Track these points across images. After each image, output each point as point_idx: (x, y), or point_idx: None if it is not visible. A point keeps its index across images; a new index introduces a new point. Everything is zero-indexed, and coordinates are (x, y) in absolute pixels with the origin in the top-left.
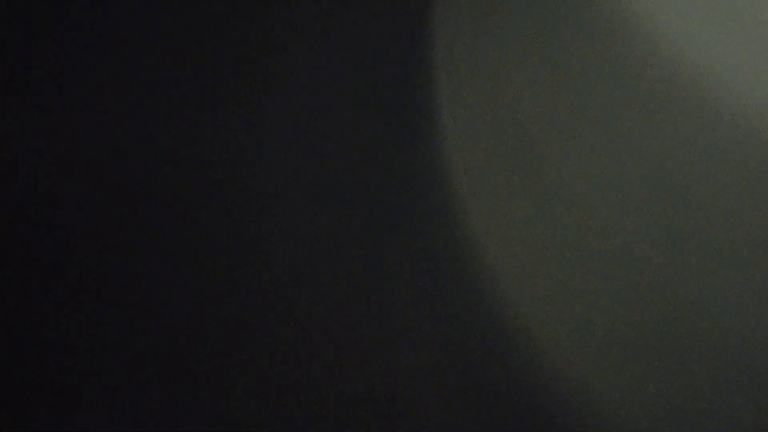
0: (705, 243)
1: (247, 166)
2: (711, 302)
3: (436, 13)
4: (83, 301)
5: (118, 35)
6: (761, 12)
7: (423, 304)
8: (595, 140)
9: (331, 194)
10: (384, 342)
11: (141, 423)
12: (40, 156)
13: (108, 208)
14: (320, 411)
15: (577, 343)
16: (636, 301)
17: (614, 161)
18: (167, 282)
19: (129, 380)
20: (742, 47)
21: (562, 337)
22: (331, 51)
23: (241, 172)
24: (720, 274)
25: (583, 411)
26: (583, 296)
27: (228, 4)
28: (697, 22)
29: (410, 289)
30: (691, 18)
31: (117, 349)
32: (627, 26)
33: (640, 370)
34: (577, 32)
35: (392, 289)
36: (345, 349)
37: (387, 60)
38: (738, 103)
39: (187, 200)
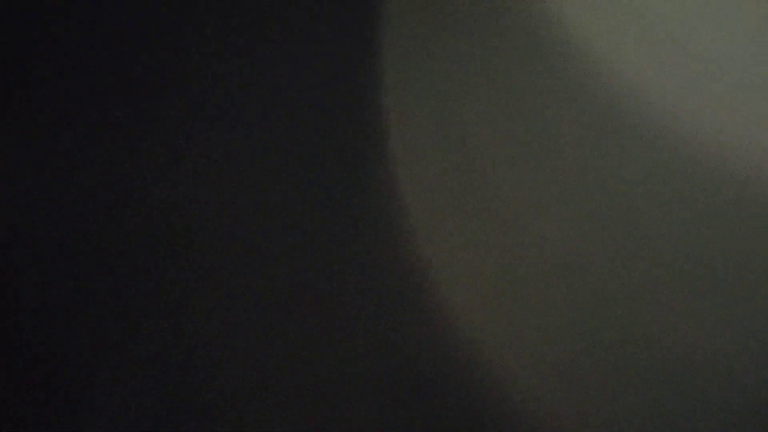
0: (655, 263)
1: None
2: (677, 325)
3: (384, 35)
4: (82, 301)
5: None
6: (698, 34)
7: (370, 325)
8: (544, 162)
9: (277, 214)
10: (325, 371)
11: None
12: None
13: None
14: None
15: (528, 361)
16: (588, 322)
17: (564, 183)
18: (134, 285)
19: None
20: (685, 67)
21: (510, 356)
22: (275, 72)
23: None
24: (684, 296)
25: None
26: (533, 318)
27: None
28: (646, 40)
29: (356, 310)
30: (640, 36)
31: (116, 348)
32: (576, 47)
33: (593, 391)
34: (526, 55)
35: (337, 310)
36: (286, 368)
37: (334, 82)
38: (692, 120)
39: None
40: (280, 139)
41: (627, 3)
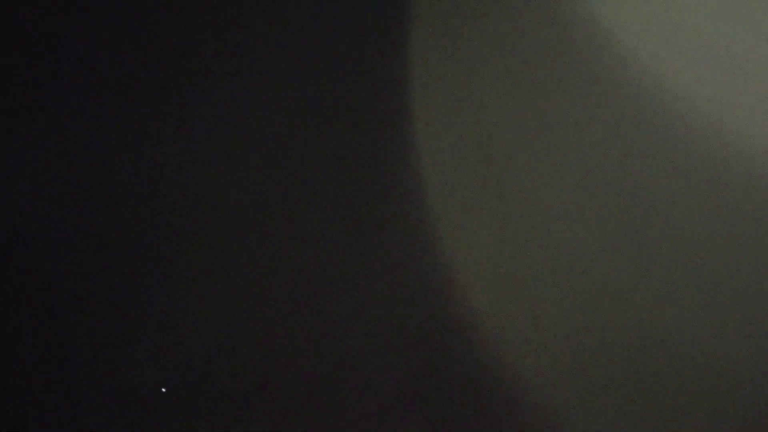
0: (675, 265)
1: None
2: (681, 325)
3: (410, 25)
4: (81, 302)
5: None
6: (729, 31)
7: (389, 319)
8: (566, 158)
9: (300, 206)
10: (347, 359)
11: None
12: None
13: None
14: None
15: (545, 363)
16: (605, 321)
17: (584, 179)
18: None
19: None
20: (713, 65)
21: (529, 357)
22: (303, 61)
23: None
24: (690, 297)
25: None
26: (550, 314)
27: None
28: (667, 39)
29: (377, 304)
30: (661, 35)
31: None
32: (598, 42)
33: (609, 393)
34: (549, 49)
35: (358, 303)
36: (306, 363)
37: (359, 73)
38: (708, 122)
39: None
40: (304, 130)
41: None
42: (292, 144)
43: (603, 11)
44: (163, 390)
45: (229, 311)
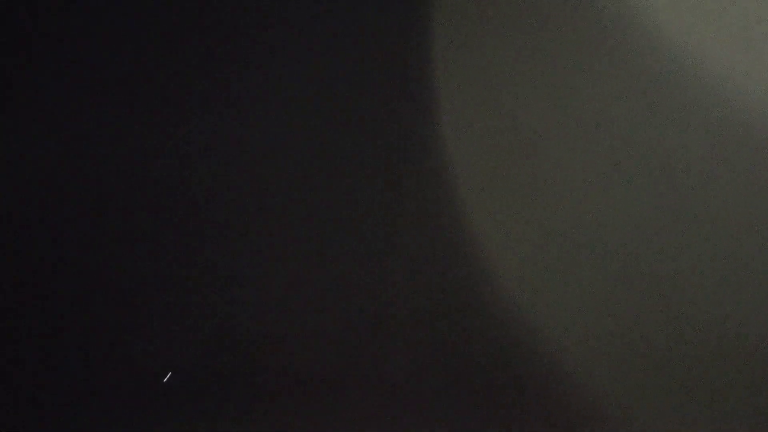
0: (705, 241)
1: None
2: (710, 299)
3: (435, 13)
4: (81, 302)
5: (105, 35)
6: (764, 9)
7: (422, 301)
8: (595, 139)
9: (331, 195)
10: (382, 340)
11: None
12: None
13: (100, 209)
14: (320, 408)
15: (577, 339)
16: (638, 298)
17: (614, 160)
18: (160, 282)
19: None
20: (746, 45)
21: (562, 333)
22: (331, 52)
23: (245, 170)
24: (720, 272)
25: (580, 406)
26: (584, 295)
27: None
28: (700, 20)
29: (409, 288)
30: (694, 16)
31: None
32: (629, 25)
33: (639, 365)
34: (578, 31)
35: (392, 288)
36: (342, 348)
37: (385, 61)
38: (740, 101)
39: (178, 200)
40: (333, 120)
41: None
42: (328, 135)
43: None
44: (165, 379)
45: (238, 297)
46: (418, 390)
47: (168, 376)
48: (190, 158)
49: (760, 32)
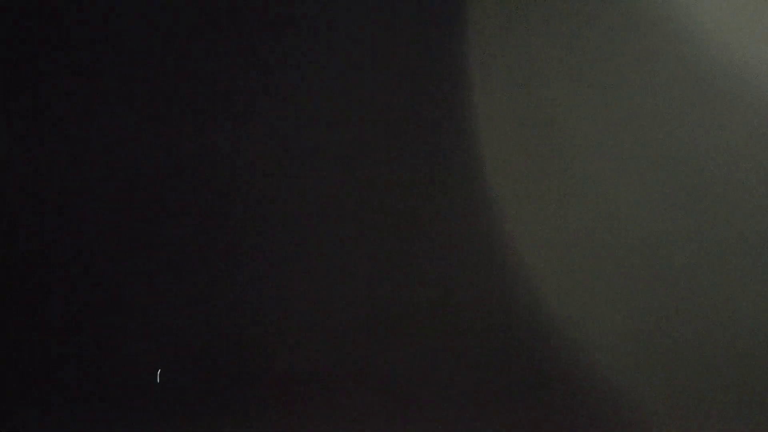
0: (729, 239)
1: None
2: (729, 295)
3: (469, 11)
4: (80, 302)
5: (112, 38)
6: None
7: (448, 299)
8: (626, 138)
9: (361, 192)
10: (404, 336)
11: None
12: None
13: (104, 210)
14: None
15: (601, 335)
16: (660, 295)
17: (646, 161)
18: (167, 283)
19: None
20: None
21: (586, 328)
22: (364, 50)
23: (260, 171)
24: (740, 269)
25: (601, 406)
26: (611, 292)
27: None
28: (733, 19)
29: (436, 286)
30: (726, 15)
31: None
32: (664, 24)
33: (657, 361)
34: (611, 30)
35: (418, 288)
36: (341, 348)
37: (420, 59)
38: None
39: (186, 201)
40: (365, 118)
41: None
42: (351, 140)
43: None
44: (158, 379)
45: (236, 297)
46: (418, 391)
47: (158, 373)
48: (192, 159)
49: None
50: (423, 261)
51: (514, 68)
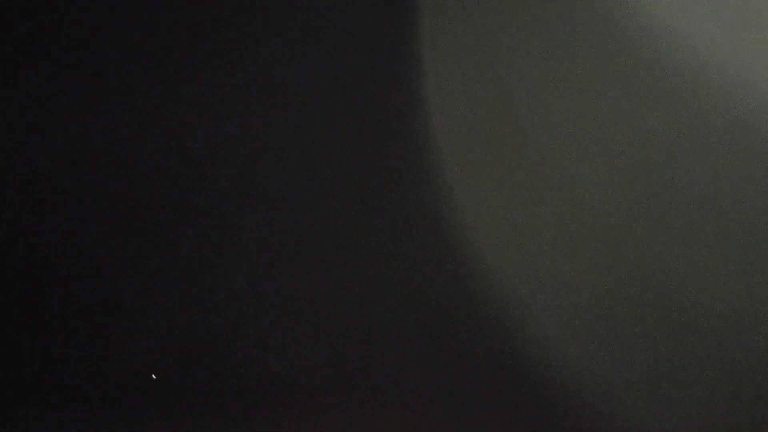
0: (699, 234)
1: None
2: (703, 291)
3: (424, 6)
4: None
5: (107, 36)
6: (763, 7)
7: (412, 299)
8: (590, 132)
9: (319, 192)
10: (371, 339)
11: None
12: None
13: (101, 208)
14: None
15: (571, 333)
16: (631, 291)
17: (610, 154)
18: (158, 280)
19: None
20: (744, 41)
21: (555, 327)
22: (317, 49)
23: (230, 169)
24: (713, 264)
25: (576, 404)
26: (577, 288)
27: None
28: (697, 15)
29: (399, 286)
30: (692, 11)
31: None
32: (625, 18)
33: (633, 358)
34: (573, 24)
35: (381, 285)
36: (331, 348)
37: (373, 56)
38: (738, 97)
39: (176, 198)
40: (318, 117)
41: None
42: (314, 135)
43: None
44: (154, 376)
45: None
46: (407, 398)
47: (152, 376)
48: (179, 158)
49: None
50: (382, 261)
51: (471, 62)
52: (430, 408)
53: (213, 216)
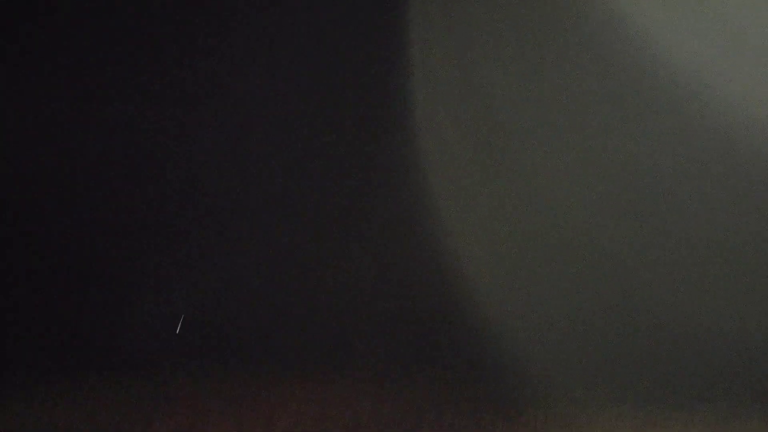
0: (681, 241)
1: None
2: (687, 299)
3: (409, 10)
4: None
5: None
6: (747, 17)
7: (392, 300)
8: (572, 137)
9: (303, 193)
10: (350, 345)
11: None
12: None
13: (101, 206)
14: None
15: (553, 339)
16: (612, 297)
17: (591, 159)
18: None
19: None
20: (729, 50)
21: (538, 334)
22: (303, 51)
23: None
24: (696, 272)
25: (553, 411)
26: (557, 291)
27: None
28: (682, 21)
29: (379, 285)
30: (676, 17)
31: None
32: (615, 31)
33: (615, 366)
34: (555, 28)
35: (361, 286)
36: (308, 359)
37: (359, 59)
38: (722, 104)
39: (168, 195)
40: (304, 118)
41: None
42: (304, 138)
43: None
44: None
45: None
46: (389, 390)
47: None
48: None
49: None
50: (359, 260)
51: (456, 67)
52: (407, 402)
53: (213, 216)
